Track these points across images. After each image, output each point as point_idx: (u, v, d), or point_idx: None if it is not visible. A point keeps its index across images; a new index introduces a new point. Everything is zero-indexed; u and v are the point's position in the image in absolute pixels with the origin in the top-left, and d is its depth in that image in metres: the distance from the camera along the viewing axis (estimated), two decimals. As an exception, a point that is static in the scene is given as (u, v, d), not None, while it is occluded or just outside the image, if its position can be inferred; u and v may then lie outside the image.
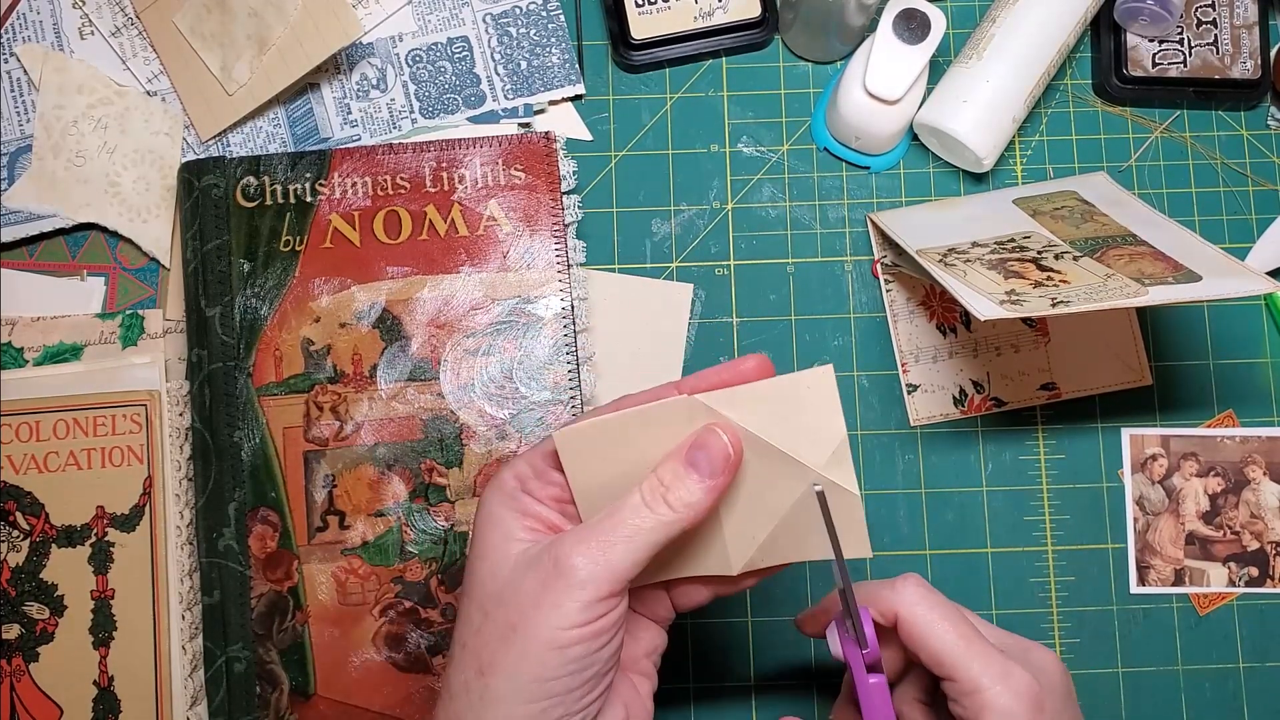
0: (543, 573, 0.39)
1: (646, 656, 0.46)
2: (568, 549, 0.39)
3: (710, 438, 0.41)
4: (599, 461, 0.42)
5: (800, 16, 0.62)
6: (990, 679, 0.41)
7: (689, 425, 0.41)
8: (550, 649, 0.39)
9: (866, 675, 0.44)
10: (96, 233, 0.61)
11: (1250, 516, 0.61)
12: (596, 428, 0.41)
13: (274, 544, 0.56)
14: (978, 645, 0.42)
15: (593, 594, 0.39)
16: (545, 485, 0.43)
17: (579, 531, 0.40)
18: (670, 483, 0.41)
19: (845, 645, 0.44)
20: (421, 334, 0.58)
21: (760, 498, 0.43)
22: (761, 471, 0.42)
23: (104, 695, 0.56)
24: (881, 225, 0.61)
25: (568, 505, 0.43)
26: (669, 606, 0.47)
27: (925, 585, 0.44)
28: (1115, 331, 0.62)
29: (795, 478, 0.42)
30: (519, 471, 0.43)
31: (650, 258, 0.63)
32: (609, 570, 0.39)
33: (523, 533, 0.41)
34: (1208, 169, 0.65)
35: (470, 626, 0.41)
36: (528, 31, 0.64)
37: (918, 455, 0.61)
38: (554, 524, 0.42)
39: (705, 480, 0.41)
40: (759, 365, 0.42)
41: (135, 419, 0.58)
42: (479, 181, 0.60)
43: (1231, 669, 0.60)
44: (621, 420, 0.41)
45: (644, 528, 0.40)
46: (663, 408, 0.41)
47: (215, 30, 0.61)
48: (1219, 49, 0.65)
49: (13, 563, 0.57)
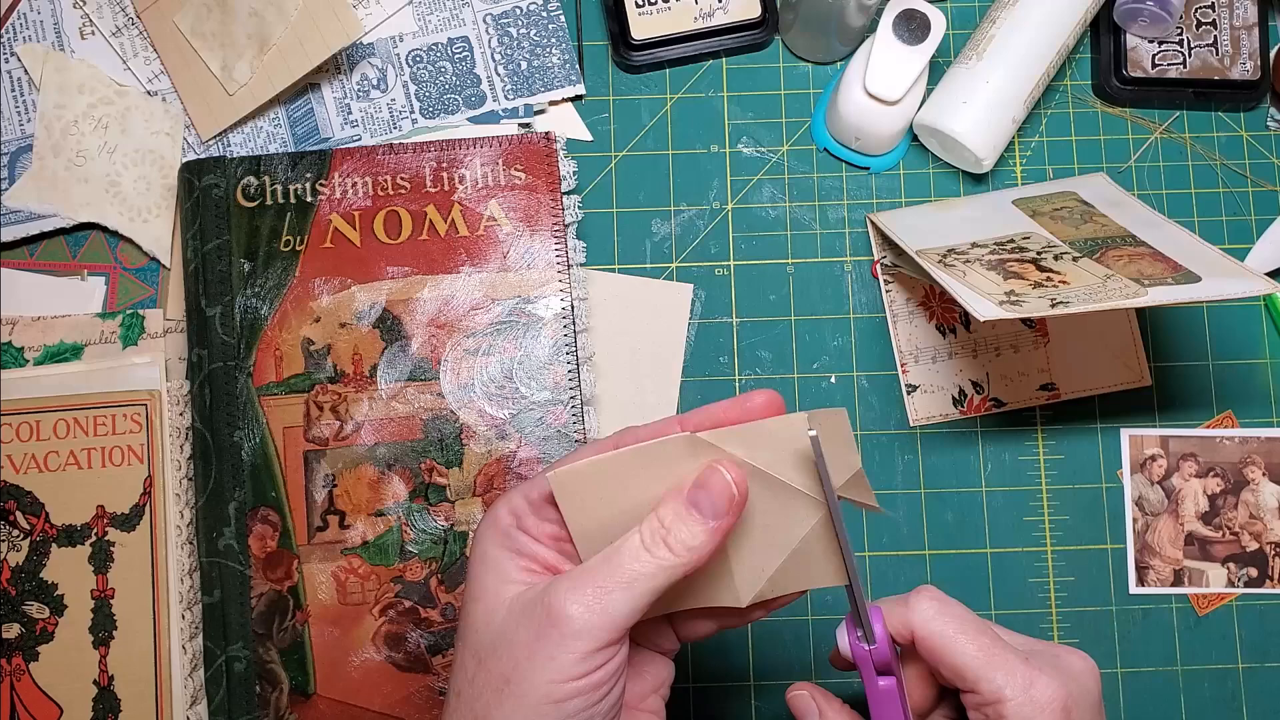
0: (537, 622, 0.37)
1: (655, 692, 0.43)
2: (562, 596, 0.37)
3: (713, 477, 0.39)
4: (598, 502, 0.40)
5: (800, 17, 0.62)
6: (1013, 689, 0.39)
7: (692, 463, 0.39)
8: (546, 703, 0.37)
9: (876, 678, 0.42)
10: (97, 232, 0.61)
11: (1249, 517, 0.61)
12: (594, 467, 0.39)
13: (274, 543, 0.56)
14: (1000, 655, 0.40)
15: (589, 645, 0.37)
16: (542, 522, 0.40)
17: (574, 576, 0.38)
18: (671, 524, 0.38)
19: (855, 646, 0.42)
20: (421, 334, 0.59)
21: (770, 532, 0.41)
22: (771, 506, 0.40)
23: (104, 695, 0.56)
24: (881, 226, 0.61)
25: (565, 544, 0.41)
26: (673, 638, 0.44)
27: (941, 596, 0.42)
28: (1115, 332, 0.63)
29: (806, 510, 0.40)
30: (514, 506, 0.41)
31: (650, 258, 0.63)
32: (607, 619, 0.37)
33: (519, 574, 0.39)
34: (1207, 170, 0.65)
35: (465, 674, 0.39)
36: (528, 32, 0.64)
37: (917, 456, 0.61)
38: (551, 564, 0.40)
39: (708, 522, 0.38)
40: (768, 401, 0.40)
41: (135, 419, 0.58)
42: (479, 181, 0.60)
43: (1230, 669, 0.60)
44: (620, 459, 0.39)
45: (644, 573, 0.38)
46: (663, 445, 0.39)
47: (216, 30, 0.61)
48: (1218, 50, 0.65)
49: (13, 562, 0.57)
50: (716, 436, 0.39)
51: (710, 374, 0.62)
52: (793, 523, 0.41)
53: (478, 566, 0.40)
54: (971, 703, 0.41)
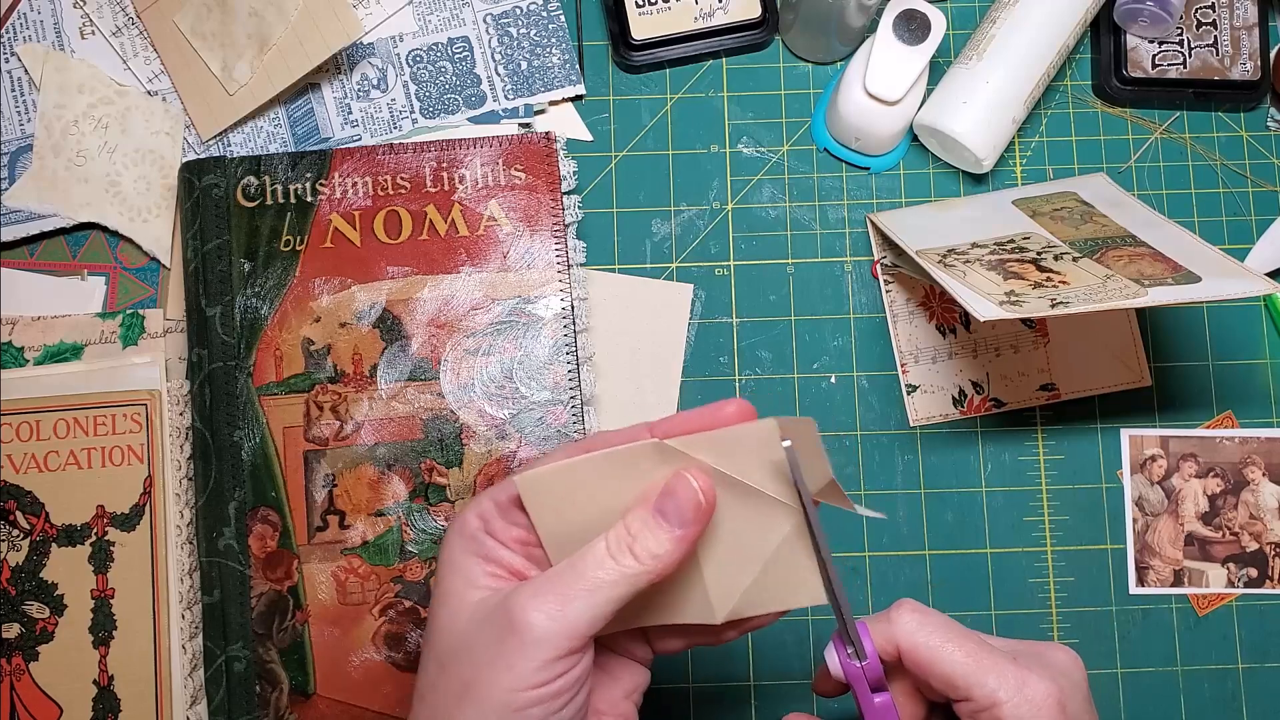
0: (498, 628, 0.37)
1: (626, 698, 0.43)
2: (523, 603, 0.37)
3: (680, 484, 0.39)
4: (566, 507, 0.40)
5: (800, 17, 0.62)
6: (1007, 691, 0.39)
7: (661, 470, 0.39)
8: (505, 710, 0.36)
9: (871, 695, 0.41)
10: (97, 232, 0.61)
11: (1249, 517, 0.61)
12: (561, 472, 0.39)
13: (274, 543, 0.56)
14: (990, 658, 0.40)
15: (549, 653, 0.36)
16: (509, 526, 0.40)
17: (536, 583, 0.38)
18: (637, 532, 0.38)
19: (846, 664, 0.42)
20: (421, 334, 0.59)
21: (742, 541, 0.40)
22: (742, 514, 0.40)
23: (104, 694, 0.56)
24: (881, 226, 0.61)
25: (534, 549, 0.40)
26: (648, 648, 0.44)
27: (921, 608, 0.42)
28: (1115, 332, 0.63)
29: (779, 518, 0.40)
30: (482, 510, 0.41)
31: (650, 258, 0.63)
32: (567, 627, 0.37)
33: (484, 579, 0.39)
34: (1207, 170, 0.65)
35: (427, 678, 0.39)
36: (528, 32, 0.64)
37: (917, 456, 0.61)
38: (517, 569, 0.40)
39: (675, 530, 0.38)
40: (739, 410, 0.40)
41: (135, 418, 0.58)
42: (479, 181, 0.60)
43: (1230, 670, 0.60)
44: (589, 464, 0.39)
45: (607, 580, 0.37)
46: (632, 451, 0.39)
47: (216, 30, 0.61)
48: (1219, 50, 0.65)
49: (13, 562, 0.57)
50: (685, 444, 0.39)
51: (710, 374, 0.62)
52: (766, 530, 0.40)
53: (445, 570, 0.40)
54: (966, 711, 0.40)
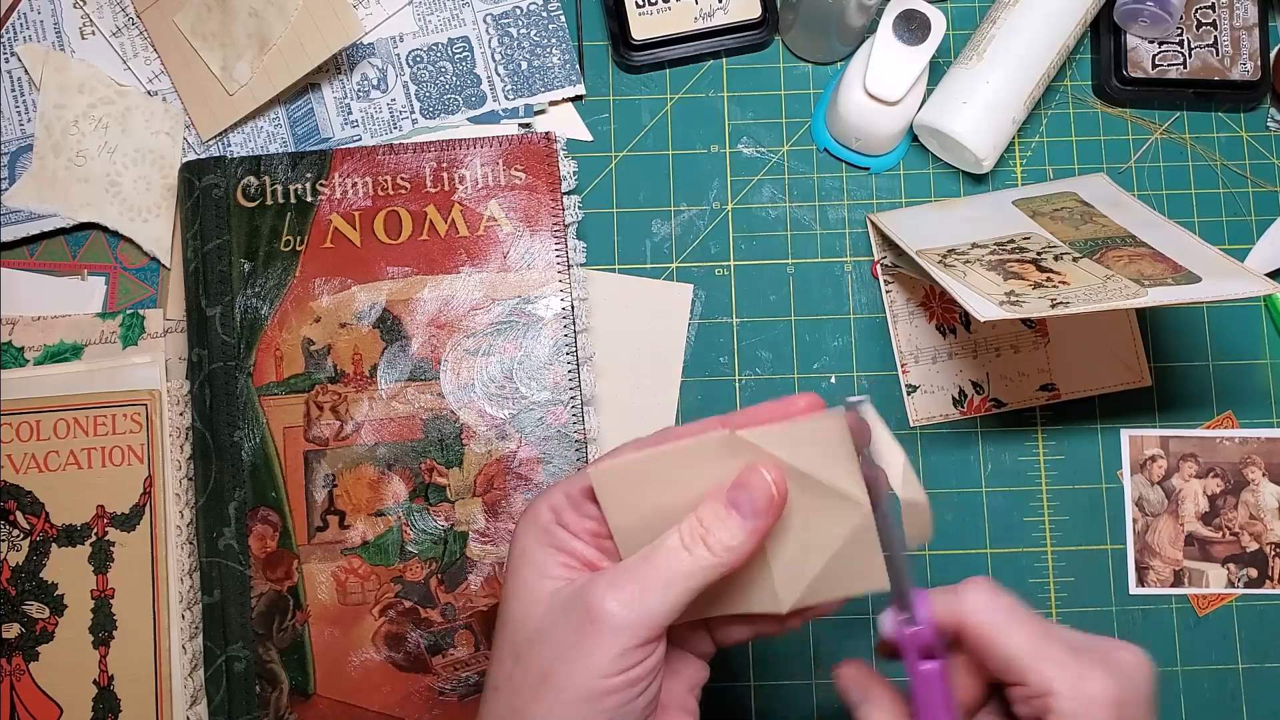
0: (575, 618, 0.38)
1: (689, 692, 0.44)
2: (601, 593, 0.37)
3: (753, 477, 0.39)
4: (638, 499, 0.40)
5: (800, 17, 0.62)
6: (1062, 682, 0.38)
7: (732, 463, 0.40)
8: (584, 700, 0.37)
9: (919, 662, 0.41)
10: (97, 232, 0.61)
11: (1249, 518, 0.61)
12: (635, 464, 0.40)
13: (274, 543, 0.56)
14: (1050, 647, 0.39)
15: (627, 641, 0.37)
16: (582, 518, 0.41)
17: (613, 574, 0.38)
18: (710, 524, 0.39)
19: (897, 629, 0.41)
20: (422, 334, 0.59)
21: (811, 534, 0.41)
22: (812, 505, 0.40)
23: (104, 694, 0.56)
24: (881, 226, 0.61)
25: (605, 540, 0.41)
26: (709, 641, 0.44)
27: (994, 588, 0.41)
28: (1115, 332, 0.63)
29: (848, 512, 0.40)
30: (554, 503, 0.41)
31: (650, 258, 0.63)
32: (645, 616, 0.37)
33: (558, 569, 0.40)
34: (1207, 170, 0.65)
35: (503, 670, 0.40)
36: (528, 32, 0.64)
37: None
38: (590, 561, 0.40)
39: (747, 522, 0.39)
40: (810, 404, 0.40)
41: (135, 418, 0.58)
42: (479, 182, 0.60)
43: (1230, 670, 0.60)
44: (661, 456, 0.40)
45: (682, 571, 0.38)
46: (704, 444, 0.39)
47: (216, 30, 0.61)
48: (1219, 50, 0.65)
49: (13, 562, 0.57)
50: (757, 436, 0.39)
51: (710, 374, 0.62)
52: (834, 524, 0.40)
53: (517, 561, 0.40)
54: (1018, 695, 0.39)
